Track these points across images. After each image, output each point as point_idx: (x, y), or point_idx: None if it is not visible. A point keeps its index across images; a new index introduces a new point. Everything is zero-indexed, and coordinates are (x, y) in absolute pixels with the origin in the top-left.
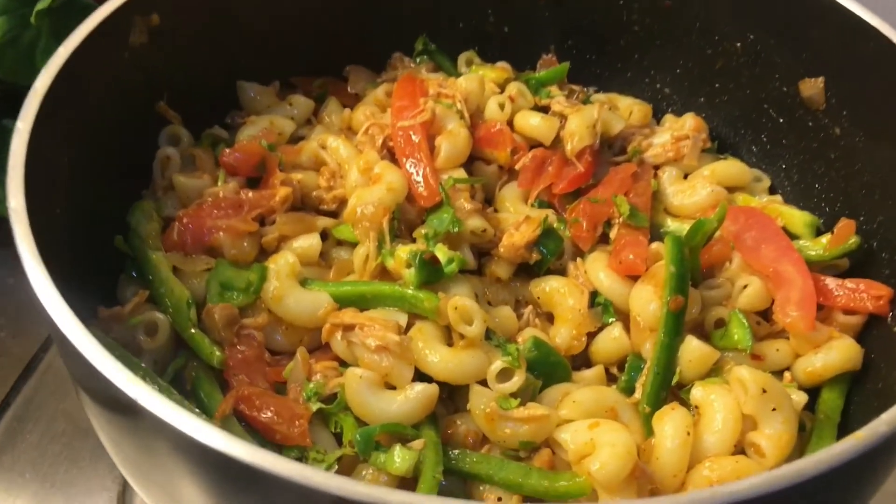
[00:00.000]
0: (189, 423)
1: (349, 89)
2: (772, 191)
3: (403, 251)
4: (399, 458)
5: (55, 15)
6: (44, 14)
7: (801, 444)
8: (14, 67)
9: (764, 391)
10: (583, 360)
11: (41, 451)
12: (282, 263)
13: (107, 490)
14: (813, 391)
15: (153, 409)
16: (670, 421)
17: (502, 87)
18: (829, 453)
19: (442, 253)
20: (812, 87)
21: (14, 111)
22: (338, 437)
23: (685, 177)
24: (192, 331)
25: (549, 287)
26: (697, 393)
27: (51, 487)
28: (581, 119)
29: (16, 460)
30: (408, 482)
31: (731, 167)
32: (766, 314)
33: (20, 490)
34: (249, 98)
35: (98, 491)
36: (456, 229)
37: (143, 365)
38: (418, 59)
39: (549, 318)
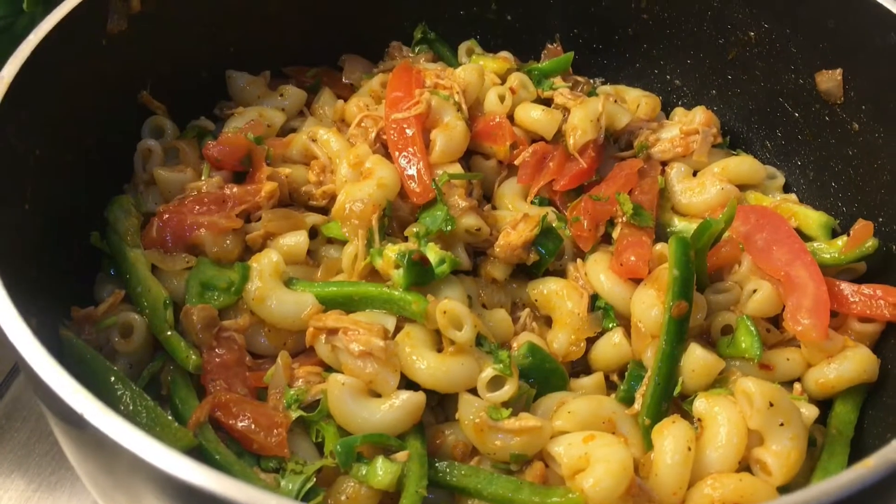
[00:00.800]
0: (150, 450)
1: (344, 79)
2: (786, 189)
3: (392, 251)
4: (381, 471)
5: (49, 2)
6: (37, 1)
7: (812, 460)
8: (7, 56)
9: (771, 405)
10: (582, 367)
11: (29, 451)
12: (265, 262)
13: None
14: (825, 404)
15: (104, 428)
16: (671, 435)
17: (503, 78)
18: (835, 483)
19: (433, 253)
20: (829, 80)
21: None
22: (320, 447)
23: (694, 174)
24: (169, 333)
25: (547, 289)
26: (701, 405)
27: (37, 488)
28: (584, 112)
29: (3, 459)
30: (391, 496)
31: (743, 163)
32: (776, 321)
33: (6, 490)
34: (239, 88)
35: (84, 493)
36: (449, 228)
37: (115, 369)
38: (417, 49)
39: (548, 321)
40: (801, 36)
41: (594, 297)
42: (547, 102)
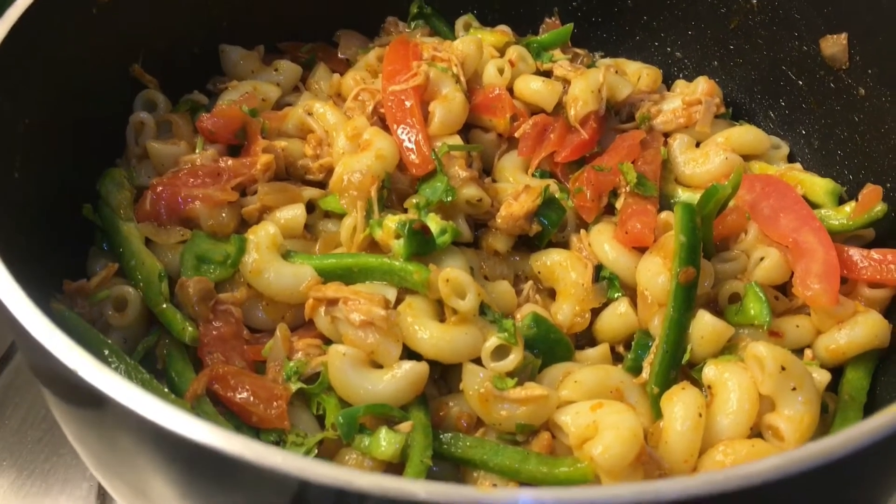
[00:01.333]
0: (148, 405)
1: (339, 55)
2: (791, 159)
3: (392, 221)
4: (385, 442)
5: None
6: None
7: (824, 427)
8: None
9: (783, 369)
10: (587, 339)
11: (21, 437)
12: (262, 235)
13: (87, 480)
14: (836, 370)
15: (101, 386)
16: (680, 402)
17: (502, 52)
18: (860, 430)
19: (434, 223)
20: (834, 45)
21: None
22: (320, 420)
23: (697, 145)
24: (164, 305)
25: (550, 261)
26: (710, 372)
27: (30, 476)
28: (585, 83)
29: None
30: (395, 468)
31: (746, 133)
32: (784, 290)
33: None
34: (232, 62)
35: (78, 480)
36: (450, 198)
37: (109, 342)
38: (413, 24)
39: (551, 293)
40: (804, 0)
41: (598, 268)
42: (546, 75)
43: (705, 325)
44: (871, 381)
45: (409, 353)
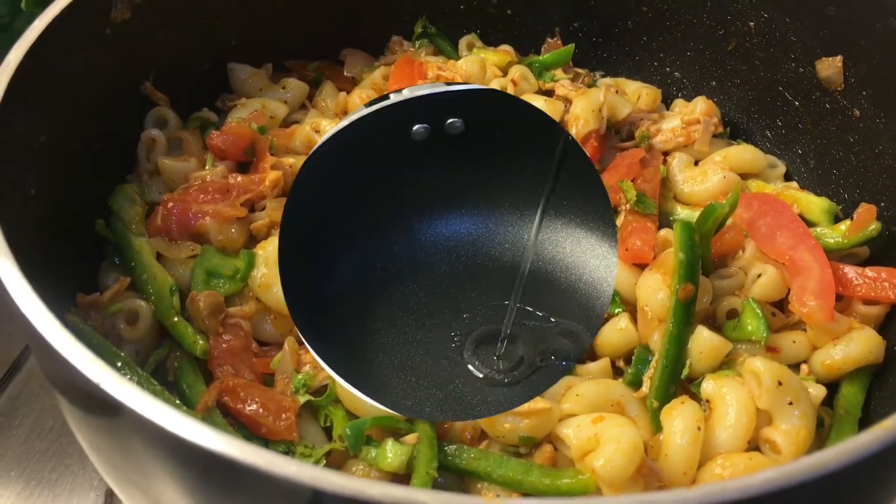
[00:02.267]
0: (166, 416)
1: (345, 73)
2: (787, 177)
3: None
4: (391, 453)
5: (47, 2)
6: (35, 1)
7: (820, 441)
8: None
9: (780, 384)
10: (588, 353)
11: (28, 448)
12: (271, 250)
13: (94, 489)
14: (832, 386)
15: (121, 397)
16: (679, 416)
17: (505, 71)
18: (855, 444)
19: None
20: (829, 67)
21: None
22: (327, 432)
23: (696, 163)
24: (175, 319)
25: None
26: (708, 386)
27: (37, 486)
28: (586, 102)
29: (1, 457)
30: (401, 479)
31: (744, 152)
32: (781, 306)
33: (5, 488)
34: (241, 80)
35: (85, 490)
36: None
37: (122, 354)
38: (418, 43)
39: None
40: (800, 24)
41: None
42: (548, 94)
43: (704, 340)
44: (865, 395)
45: None
